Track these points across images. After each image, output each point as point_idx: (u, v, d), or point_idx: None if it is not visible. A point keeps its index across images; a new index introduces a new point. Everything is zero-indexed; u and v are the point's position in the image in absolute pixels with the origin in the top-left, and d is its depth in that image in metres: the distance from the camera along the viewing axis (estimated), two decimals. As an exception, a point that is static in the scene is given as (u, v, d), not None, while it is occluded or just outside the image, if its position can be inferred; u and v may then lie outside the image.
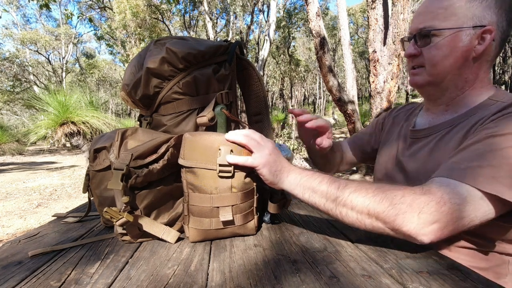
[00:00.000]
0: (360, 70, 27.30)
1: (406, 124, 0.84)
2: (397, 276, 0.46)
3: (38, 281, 0.48)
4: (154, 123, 0.73)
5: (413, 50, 0.71)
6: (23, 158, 10.95)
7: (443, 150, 0.65)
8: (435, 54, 0.67)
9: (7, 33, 22.58)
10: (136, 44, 14.60)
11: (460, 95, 0.69)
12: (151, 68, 0.66)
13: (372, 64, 4.29)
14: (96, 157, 0.69)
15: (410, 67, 0.74)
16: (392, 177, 0.77)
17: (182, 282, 0.47)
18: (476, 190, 0.50)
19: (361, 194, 0.53)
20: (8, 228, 3.39)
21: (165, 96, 0.68)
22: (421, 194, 0.50)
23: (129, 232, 0.61)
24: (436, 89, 0.71)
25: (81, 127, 4.10)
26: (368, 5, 4.35)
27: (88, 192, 0.74)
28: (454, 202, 0.49)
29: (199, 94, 0.70)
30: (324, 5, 22.92)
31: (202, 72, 0.69)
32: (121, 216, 0.57)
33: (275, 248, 0.59)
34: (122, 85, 0.72)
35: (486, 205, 0.50)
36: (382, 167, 0.85)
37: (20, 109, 20.17)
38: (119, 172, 0.57)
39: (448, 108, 0.72)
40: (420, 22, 0.69)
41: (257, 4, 15.03)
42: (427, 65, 0.69)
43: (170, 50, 0.66)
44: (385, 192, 0.52)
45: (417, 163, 0.70)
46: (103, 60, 31.83)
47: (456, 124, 0.66)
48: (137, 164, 0.59)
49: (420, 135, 0.74)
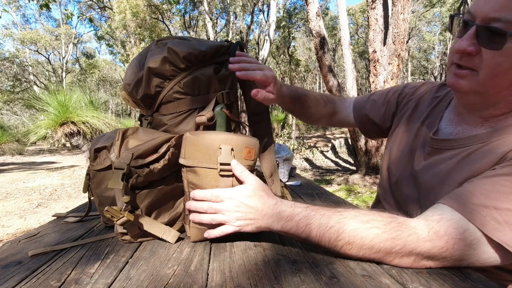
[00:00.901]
0: (360, 70, 27.30)
1: (428, 123, 0.69)
2: (397, 276, 0.46)
3: (38, 281, 0.48)
4: (155, 122, 0.73)
5: (468, 46, 0.51)
6: (23, 158, 10.96)
7: (467, 171, 0.53)
8: (500, 63, 0.49)
9: (7, 33, 22.59)
10: (136, 44, 14.60)
11: (507, 112, 0.55)
12: (153, 67, 0.66)
13: (372, 64, 4.29)
14: (96, 156, 0.69)
15: (452, 62, 0.56)
16: (401, 187, 0.68)
17: (182, 282, 0.47)
18: (484, 234, 0.44)
19: (356, 246, 0.48)
20: (8, 228, 3.39)
21: (166, 96, 0.69)
22: (426, 240, 0.46)
23: (130, 232, 0.61)
24: (482, 101, 0.56)
25: (81, 127, 4.10)
26: (368, 5, 4.35)
27: (89, 192, 0.73)
28: (458, 248, 0.45)
29: (200, 93, 0.70)
30: (324, 5, 22.92)
31: (203, 72, 0.69)
32: (121, 215, 0.57)
33: (275, 248, 0.59)
34: (123, 84, 0.72)
35: (493, 252, 0.45)
36: (392, 170, 0.73)
37: (20, 109, 20.19)
38: (119, 171, 0.57)
39: (486, 123, 0.57)
40: (498, 7, 0.47)
41: (257, 4, 15.03)
42: (482, 72, 0.51)
43: (172, 50, 0.66)
44: (385, 240, 0.46)
45: (433, 179, 0.59)
46: (103, 60, 31.84)
47: (492, 141, 0.53)
48: (138, 164, 0.59)
49: (442, 146, 0.61)
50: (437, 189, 0.57)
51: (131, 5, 13.41)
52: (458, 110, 0.64)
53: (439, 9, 19.17)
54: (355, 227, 0.48)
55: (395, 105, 0.83)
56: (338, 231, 0.48)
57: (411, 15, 4.41)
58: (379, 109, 0.86)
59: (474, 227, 0.45)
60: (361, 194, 4.68)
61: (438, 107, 0.70)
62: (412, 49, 23.91)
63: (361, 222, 0.48)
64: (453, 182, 0.54)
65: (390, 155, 0.76)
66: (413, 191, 0.64)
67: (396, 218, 0.49)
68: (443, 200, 0.50)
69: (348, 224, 0.49)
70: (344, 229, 0.48)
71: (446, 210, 0.47)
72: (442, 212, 0.48)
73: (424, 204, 0.53)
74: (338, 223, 0.49)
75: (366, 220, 0.49)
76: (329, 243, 0.50)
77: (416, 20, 20.46)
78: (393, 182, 0.72)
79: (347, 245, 0.49)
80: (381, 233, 0.47)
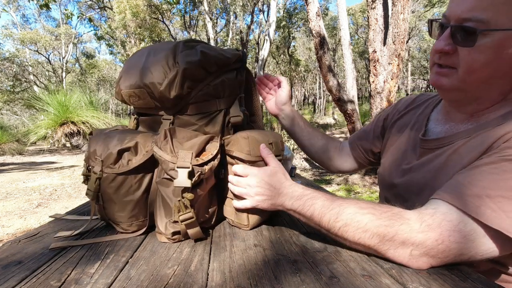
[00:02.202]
0: (360, 70, 27.30)
1: (416, 127, 0.72)
2: (397, 276, 0.46)
3: (38, 281, 0.48)
4: (180, 122, 0.74)
5: (445, 46, 0.55)
6: (23, 158, 10.95)
7: (458, 165, 0.55)
8: (475, 59, 0.53)
9: (7, 33, 22.58)
10: (136, 44, 14.60)
11: (489, 107, 0.57)
12: (189, 69, 0.68)
13: (372, 64, 4.29)
14: (118, 159, 0.65)
15: (433, 62, 0.60)
16: (398, 188, 0.70)
17: (182, 282, 0.47)
18: (480, 223, 0.45)
19: (352, 228, 0.51)
20: (8, 228, 3.39)
21: (195, 97, 0.72)
22: (419, 231, 0.46)
23: (189, 228, 0.62)
24: (464, 96, 0.59)
25: (81, 127, 4.10)
26: (368, 5, 4.35)
27: (97, 198, 0.67)
28: (454, 240, 0.45)
29: (224, 96, 0.76)
30: (324, 5, 22.93)
31: (228, 76, 0.76)
32: (188, 211, 0.59)
33: (275, 248, 0.59)
34: (151, 83, 0.69)
35: (491, 242, 0.45)
36: (386, 174, 0.77)
37: (20, 109, 20.18)
38: (184, 170, 0.59)
39: (472, 119, 0.60)
40: (468, 8, 0.51)
41: (257, 4, 15.03)
42: (460, 69, 0.55)
43: (205, 54, 0.70)
44: (378, 226, 0.48)
45: (426, 176, 0.62)
46: (103, 60, 31.85)
47: (478, 135, 0.55)
48: (199, 162, 0.62)
49: (432, 145, 0.63)
50: (431, 185, 0.59)
51: (131, 5, 13.41)
52: (446, 109, 0.67)
53: (439, 9, 19.17)
54: (353, 211, 0.51)
55: (382, 123, 0.87)
56: (338, 213, 0.52)
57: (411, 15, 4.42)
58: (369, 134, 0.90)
59: (469, 219, 0.45)
60: (360, 194, 4.68)
61: (424, 112, 0.74)
62: (412, 49, 23.94)
63: (359, 208, 0.52)
64: (445, 176, 0.56)
65: (385, 162, 0.80)
66: (409, 190, 0.66)
67: (392, 209, 0.51)
68: (436, 195, 0.51)
69: (347, 208, 0.52)
70: (343, 211, 0.52)
71: (440, 204, 0.48)
72: (436, 206, 0.49)
73: (420, 201, 0.54)
74: (339, 206, 0.53)
75: (364, 207, 0.52)
76: (328, 223, 0.53)
77: (416, 20, 20.47)
78: (391, 186, 0.74)
79: (344, 227, 0.51)
80: (375, 219, 0.49)
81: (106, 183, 0.65)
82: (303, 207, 0.56)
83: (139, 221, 0.68)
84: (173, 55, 0.70)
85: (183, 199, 0.59)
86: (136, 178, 0.66)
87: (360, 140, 0.93)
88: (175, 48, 0.71)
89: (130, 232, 0.69)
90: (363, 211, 0.51)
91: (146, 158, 0.65)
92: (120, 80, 0.75)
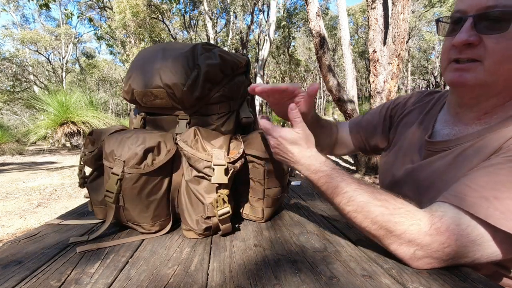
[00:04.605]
0: (360, 70, 27.30)
1: (423, 127, 0.69)
2: (397, 276, 0.46)
3: (38, 281, 0.48)
4: (197, 122, 0.75)
5: (470, 37, 0.51)
6: (23, 158, 10.95)
7: (465, 167, 0.53)
8: (506, 47, 0.49)
9: (7, 33, 22.57)
10: (136, 44, 14.59)
11: (505, 102, 0.55)
12: (210, 72, 0.71)
13: (372, 64, 4.29)
14: (144, 159, 0.64)
15: (449, 59, 0.56)
16: (400, 186, 0.68)
17: (182, 282, 0.47)
18: (488, 226, 0.43)
19: (361, 216, 0.51)
20: (8, 228, 3.38)
21: (212, 98, 0.75)
22: (427, 234, 0.46)
23: (223, 223, 0.64)
24: (487, 91, 0.55)
25: (81, 127, 4.10)
26: (368, 5, 4.35)
27: (119, 201, 0.65)
28: (460, 244, 0.44)
29: (236, 97, 0.80)
30: (324, 5, 22.94)
31: (239, 79, 0.80)
32: (226, 205, 0.62)
33: (275, 248, 0.59)
34: (174, 84, 0.69)
35: (498, 245, 0.44)
36: (389, 172, 0.75)
37: (20, 109, 20.17)
38: (221, 167, 0.63)
39: (484, 117, 0.57)
40: None
41: (257, 4, 15.03)
42: (487, 60, 0.51)
43: (223, 58, 0.73)
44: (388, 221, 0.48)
45: (432, 175, 0.60)
46: (103, 60, 31.82)
47: (487, 136, 0.53)
48: (230, 160, 0.65)
49: (439, 148, 0.61)
50: (437, 185, 0.58)
51: (131, 5, 13.40)
52: (454, 111, 0.63)
53: (439, 9, 19.16)
54: (366, 200, 0.51)
55: (389, 120, 0.83)
56: (350, 198, 0.52)
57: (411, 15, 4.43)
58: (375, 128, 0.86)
59: (477, 222, 0.44)
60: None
61: (431, 112, 0.71)
62: (412, 49, 23.92)
63: (374, 198, 0.51)
64: (452, 177, 0.54)
65: (387, 162, 0.78)
66: (413, 190, 0.64)
67: (407, 206, 0.50)
68: (443, 198, 0.49)
69: (361, 195, 0.51)
70: (356, 198, 0.52)
71: (448, 208, 0.47)
72: (444, 209, 0.48)
73: (424, 201, 0.53)
74: (354, 191, 0.52)
75: (379, 198, 0.51)
76: (339, 204, 0.54)
77: (416, 20, 20.46)
78: (394, 184, 0.72)
79: (354, 213, 0.52)
80: (387, 213, 0.49)
81: (130, 184, 0.63)
82: (317, 182, 0.57)
83: (161, 220, 0.69)
84: (192, 57, 0.72)
85: (221, 195, 0.62)
86: (158, 177, 0.67)
87: (365, 133, 0.88)
88: (194, 50, 0.73)
89: (153, 232, 0.68)
90: (376, 203, 0.50)
91: (170, 157, 0.67)
92: (130, 79, 0.74)
